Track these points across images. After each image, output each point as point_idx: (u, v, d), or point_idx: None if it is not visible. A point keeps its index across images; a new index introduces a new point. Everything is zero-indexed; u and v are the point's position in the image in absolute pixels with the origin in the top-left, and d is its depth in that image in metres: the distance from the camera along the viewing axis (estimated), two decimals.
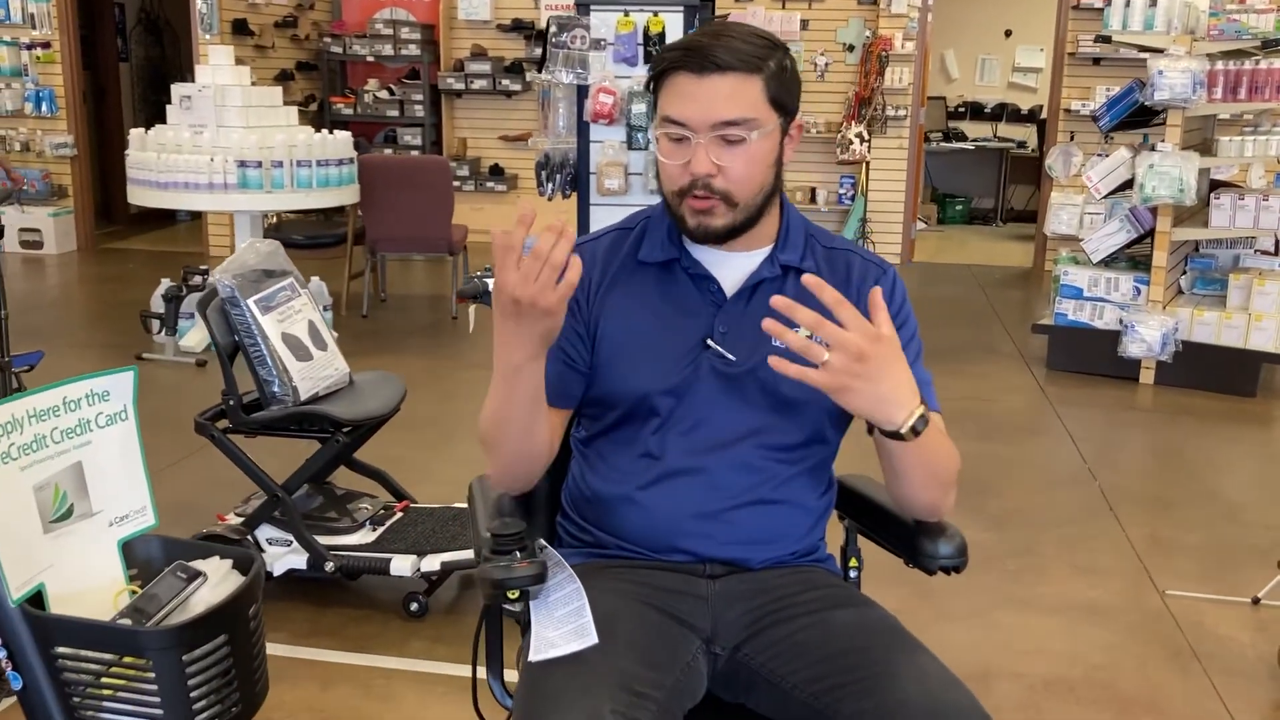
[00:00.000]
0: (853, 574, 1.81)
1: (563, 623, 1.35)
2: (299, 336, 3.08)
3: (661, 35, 4.84)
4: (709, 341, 1.60)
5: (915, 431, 1.44)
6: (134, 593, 1.40)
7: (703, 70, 1.52)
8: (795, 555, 1.65)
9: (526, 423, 1.53)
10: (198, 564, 1.40)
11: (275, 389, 2.99)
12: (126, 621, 1.31)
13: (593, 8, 4.89)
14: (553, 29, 4.83)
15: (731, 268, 1.64)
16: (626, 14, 4.90)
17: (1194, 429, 4.91)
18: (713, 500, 1.59)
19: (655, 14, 4.90)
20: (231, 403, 3.00)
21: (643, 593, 1.54)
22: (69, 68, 8.56)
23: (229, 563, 1.42)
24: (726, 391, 1.60)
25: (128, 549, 1.43)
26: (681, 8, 4.89)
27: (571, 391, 1.64)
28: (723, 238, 1.60)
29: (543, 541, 1.44)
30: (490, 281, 2.87)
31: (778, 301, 1.39)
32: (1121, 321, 5.44)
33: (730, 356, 1.60)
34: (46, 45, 8.46)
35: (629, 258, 1.67)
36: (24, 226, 8.51)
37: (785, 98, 1.58)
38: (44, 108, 8.51)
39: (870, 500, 1.75)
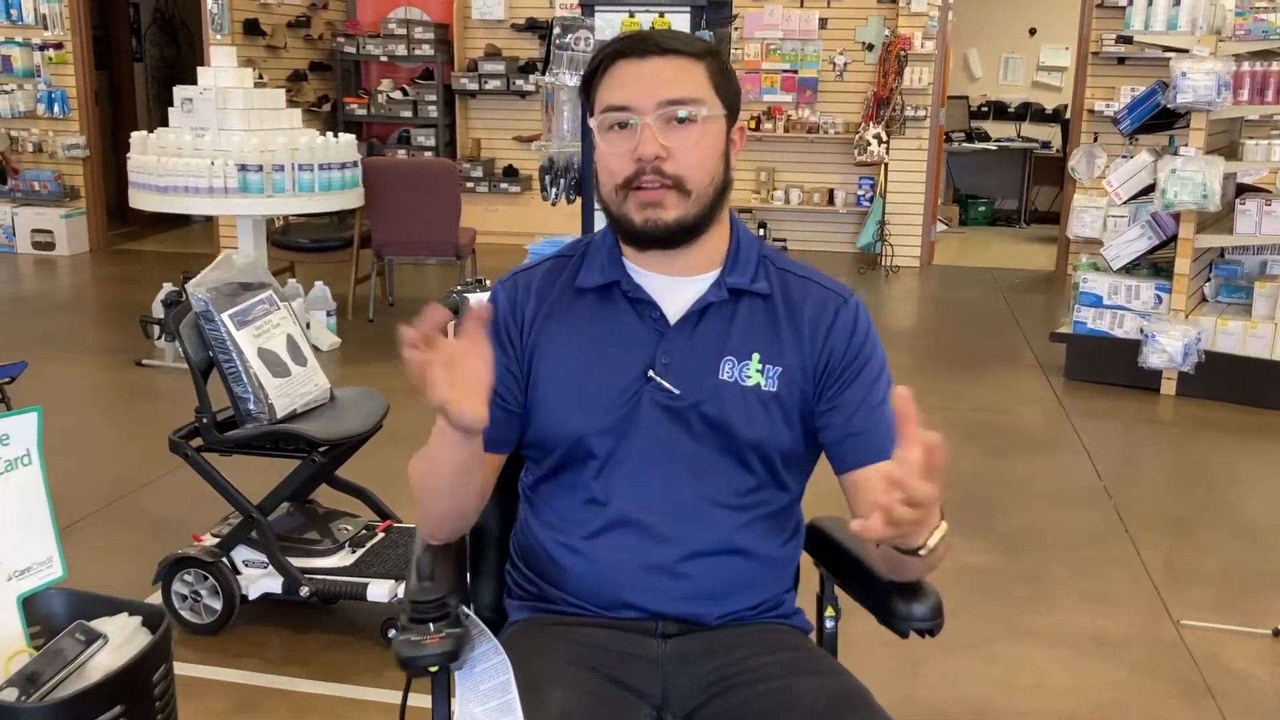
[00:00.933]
0: (829, 623, 1.68)
1: (488, 697, 1.24)
2: (276, 352, 2.98)
3: None
4: (650, 373, 1.48)
5: (931, 550, 1.32)
6: (33, 653, 1.30)
7: (644, 53, 1.44)
8: (757, 610, 1.52)
9: (463, 478, 1.42)
10: (102, 623, 1.30)
11: (250, 406, 2.89)
12: (9, 694, 1.20)
13: (597, 9, 4.78)
14: (556, 31, 4.72)
15: (675, 293, 1.51)
16: (631, 15, 4.77)
17: (1216, 443, 4.74)
18: (663, 551, 1.46)
19: (661, 15, 4.76)
20: (205, 421, 2.91)
21: (587, 655, 1.42)
22: (81, 69, 8.53)
23: (137, 620, 1.32)
24: (671, 429, 1.47)
25: (30, 604, 1.32)
26: (688, 8, 4.76)
27: (505, 436, 1.53)
28: (674, 235, 1.46)
29: (465, 610, 1.32)
30: (471, 297, 2.76)
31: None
32: (1142, 331, 5.27)
33: (674, 390, 1.47)
34: (59, 46, 8.43)
35: (566, 286, 1.55)
36: (36, 227, 8.50)
37: (728, 91, 1.48)
38: (56, 109, 8.48)
39: (841, 548, 1.62)
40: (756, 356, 1.49)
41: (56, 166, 8.59)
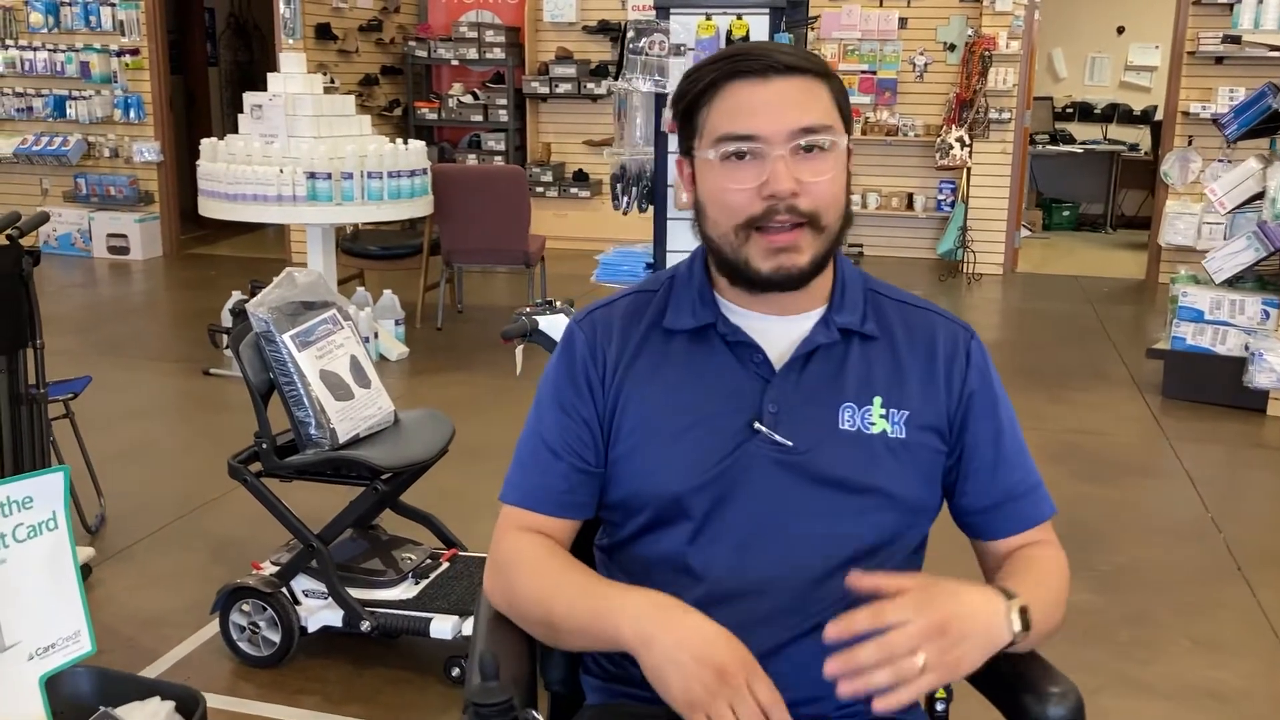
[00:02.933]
0: (939, 706, 1.50)
1: None
2: (339, 374, 2.86)
3: (745, 39, 4.53)
4: (757, 425, 1.31)
5: (1026, 628, 1.22)
6: None
7: (766, 73, 1.26)
8: (871, 701, 1.33)
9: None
10: (130, 709, 1.17)
11: (312, 431, 2.77)
12: None
13: (673, 11, 4.62)
14: (630, 34, 4.57)
15: (778, 334, 1.34)
16: (708, 17, 4.61)
17: None
18: (774, 632, 1.28)
19: (739, 17, 4.59)
20: (265, 446, 2.80)
21: None
22: (156, 74, 8.57)
23: (170, 706, 1.19)
24: (784, 487, 1.30)
25: (54, 683, 1.20)
26: (768, 9, 4.58)
27: (584, 499, 1.37)
28: (807, 278, 1.31)
29: (534, 713, 1.16)
30: (540, 319, 2.61)
31: (830, 634, 1.15)
32: (1247, 348, 4.97)
33: (786, 442, 1.30)
34: (135, 52, 8.47)
35: (653, 327, 1.37)
36: (111, 232, 8.55)
37: (848, 112, 1.32)
38: (132, 114, 8.53)
39: None
40: (879, 400, 1.32)
41: (132, 171, 8.64)
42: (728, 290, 1.37)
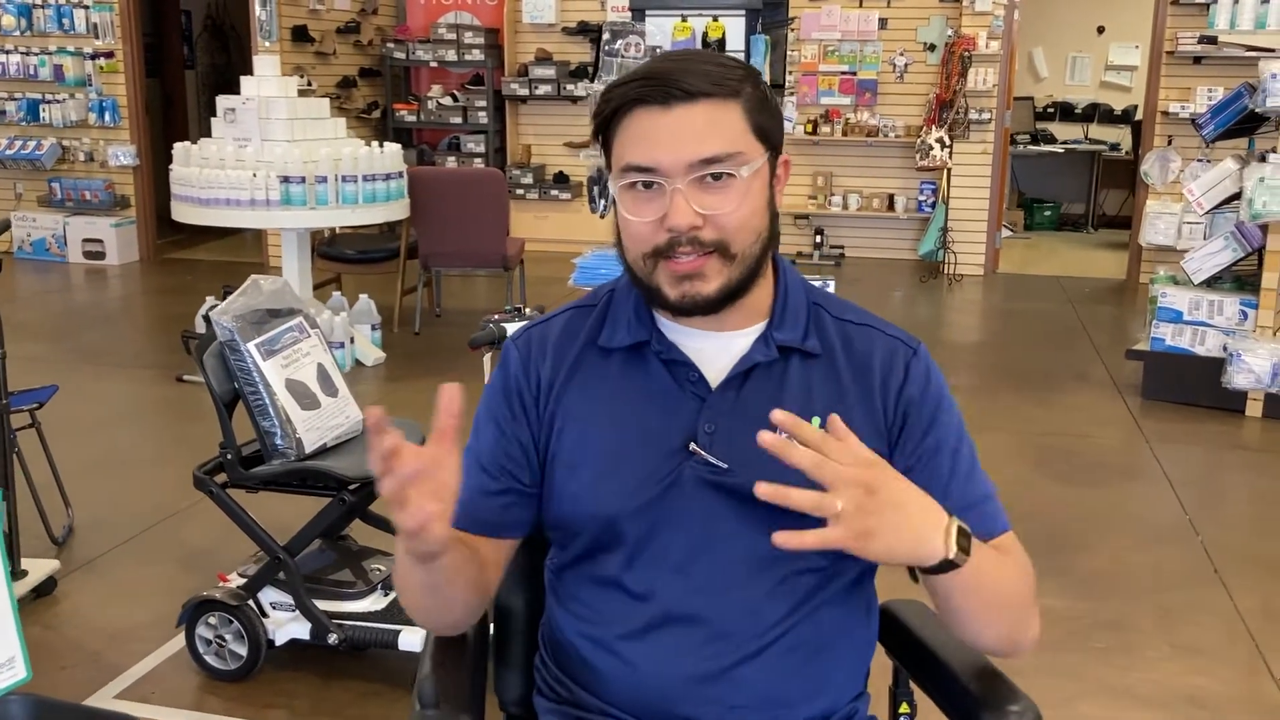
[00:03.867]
0: None
1: None
2: (306, 383, 2.81)
3: (721, 41, 4.50)
4: (692, 446, 1.27)
5: (963, 551, 1.13)
6: None
7: (668, 100, 1.19)
8: None
9: (434, 594, 1.24)
10: None
11: (278, 441, 2.72)
12: None
13: (648, 13, 4.59)
14: (606, 36, 4.53)
15: (715, 351, 1.30)
16: (684, 19, 4.58)
17: None
18: (717, 653, 1.25)
19: (714, 19, 4.56)
20: (230, 456, 2.75)
21: None
22: (132, 77, 8.49)
23: None
24: (719, 509, 1.26)
25: None
26: (743, 10, 4.55)
27: (518, 519, 1.33)
28: (716, 306, 1.25)
29: None
30: (509, 326, 2.57)
31: (772, 430, 1.09)
32: (1226, 349, 4.96)
33: (720, 464, 1.26)
34: (110, 55, 8.39)
35: (589, 345, 1.33)
36: (87, 237, 8.47)
37: (771, 127, 1.25)
38: (107, 118, 8.45)
39: (922, 643, 1.40)
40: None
41: (107, 175, 8.56)
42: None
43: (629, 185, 1.22)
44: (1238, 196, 4.90)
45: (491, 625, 1.47)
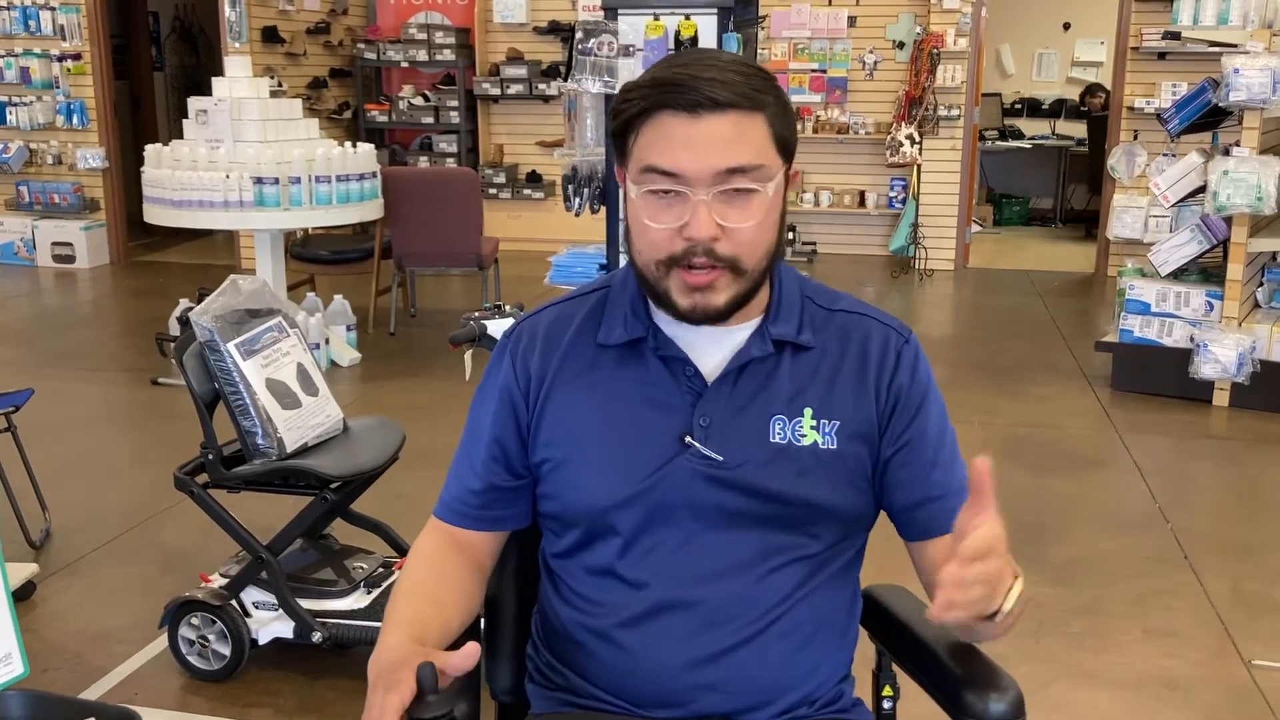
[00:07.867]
0: (886, 705, 1.50)
1: None
2: (286, 382, 2.82)
3: (694, 39, 4.52)
4: (687, 439, 1.30)
5: (1008, 614, 1.18)
6: None
7: (695, 109, 1.19)
8: (815, 705, 1.33)
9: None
10: None
11: (259, 440, 2.73)
12: None
13: (620, 12, 4.61)
14: (578, 35, 4.55)
15: (712, 347, 1.32)
16: (656, 18, 4.60)
17: (1275, 459, 4.50)
18: (711, 640, 1.28)
19: (687, 17, 4.58)
20: (210, 456, 2.75)
21: None
22: (100, 79, 8.43)
23: None
24: (715, 500, 1.29)
25: None
26: (714, 9, 4.57)
27: (511, 511, 1.36)
28: (724, 316, 1.28)
29: None
30: (489, 324, 2.59)
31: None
32: (1193, 339, 5.04)
33: (716, 456, 1.29)
34: (77, 57, 8.33)
35: (581, 338, 1.35)
36: (56, 240, 8.41)
37: (789, 139, 1.26)
38: (75, 120, 8.39)
39: (905, 626, 1.44)
40: (809, 412, 1.31)
41: (76, 178, 8.50)
42: None
43: (649, 191, 1.23)
44: (1203, 190, 4.98)
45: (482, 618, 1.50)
